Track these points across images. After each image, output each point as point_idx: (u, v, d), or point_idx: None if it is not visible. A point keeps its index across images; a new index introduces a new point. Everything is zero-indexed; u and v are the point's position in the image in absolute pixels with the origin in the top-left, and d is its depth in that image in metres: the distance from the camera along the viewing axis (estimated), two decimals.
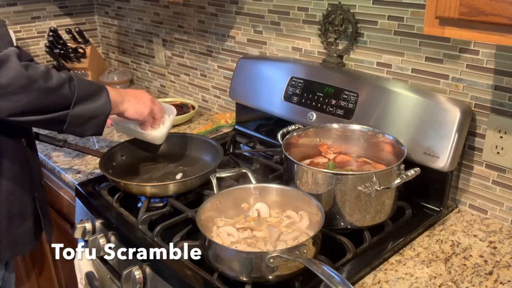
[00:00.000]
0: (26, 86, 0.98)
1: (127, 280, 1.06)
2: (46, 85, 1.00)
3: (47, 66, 1.05)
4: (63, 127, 1.06)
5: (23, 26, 2.26)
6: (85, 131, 1.11)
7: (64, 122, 1.05)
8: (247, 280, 0.91)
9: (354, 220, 1.08)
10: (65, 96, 1.04)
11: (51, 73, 1.03)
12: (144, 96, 1.26)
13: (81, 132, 1.11)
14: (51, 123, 1.06)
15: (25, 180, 1.23)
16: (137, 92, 1.28)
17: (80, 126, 1.08)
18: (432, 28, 0.85)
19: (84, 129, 1.10)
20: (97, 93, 1.10)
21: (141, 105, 1.24)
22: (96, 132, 1.12)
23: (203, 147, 1.43)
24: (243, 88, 1.61)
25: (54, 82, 1.02)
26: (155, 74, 2.25)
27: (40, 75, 1.00)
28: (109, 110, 1.11)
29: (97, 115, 1.10)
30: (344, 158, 1.25)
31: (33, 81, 0.99)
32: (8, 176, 1.18)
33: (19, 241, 1.24)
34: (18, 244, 1.24)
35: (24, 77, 0.98)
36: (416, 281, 0.98)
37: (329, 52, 1.42)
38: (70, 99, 1.05)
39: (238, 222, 1.05)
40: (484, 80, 1.13)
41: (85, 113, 1.07)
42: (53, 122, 1.05)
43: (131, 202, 1.27)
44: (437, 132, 1.14)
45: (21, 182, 1.21)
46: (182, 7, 1.92)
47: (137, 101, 1.24)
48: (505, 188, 1.16)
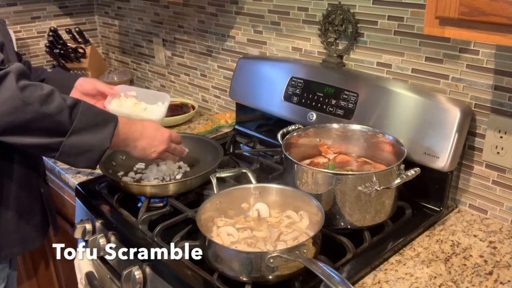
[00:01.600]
0: (19, 108, 0.95)
1: (127, 280, 1.06)
2: (41, 109, 0.97)
3: (54, 90, 1.01)
4: (55, 155, 1.03)
5: (23, 26, 2.26)
6: (77, 163, 1.07)
7: (57, 150, 1.02)
8: (247, 280, 0.91)
9: (354, 220, 1.08)
10: (62, 123, 1.00)
11: (52, 98, 0.99)
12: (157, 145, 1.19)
13: (73, 163, 1.08)
14: (43, 149, 1.03)
15: (33, 177, 1.25)
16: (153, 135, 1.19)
17: (73, 157, 1.04)
18: (432, 28, 0.85)
19: (77, 160, 1.06)
20: (102, 124, 1.06)
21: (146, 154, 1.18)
22: (89, 166, 1.08)
23: (203, 147, 1.43)
24: (243, 88, 1.61)
25: (52, 107, 0.98)
26: (155, 74, 2.25)
27: (38, 99, 0.97)
28: (107, 146, 1.06)
29: (92, 149, 1.05)
30: (344, 158, 1.26)
31: (27, 104, 0.96)
32: (18, 174, 1.20)
33: (29, 237, 1.26)
34: (27, 240, 1.26)
35: (18, 99, 0.95)
36: (416, 281, 0.98)
37: (329, 52, 1.42)
38: (67, 127, 1.01)
39: (238, 222, 1.05)
40: (484, 80, 1.13)
41: (80, 145, 1.03)
42: (46, 148, 1.02)
43: (131, 202, 1.27)
44: (437, 132, 1.14)
45: (29, 179, 1.24)
46: (182, 7, 1.92)
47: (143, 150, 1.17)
48: (505, 188, 1.16)
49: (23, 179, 1.22)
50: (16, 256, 1.31)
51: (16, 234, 1.23)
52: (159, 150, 1.19)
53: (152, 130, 1.19)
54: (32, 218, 1.26)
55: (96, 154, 1.06)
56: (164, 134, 1.21)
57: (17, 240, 1.24)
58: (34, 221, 1.27)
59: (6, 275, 1.28)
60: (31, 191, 1.25)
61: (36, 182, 1.27)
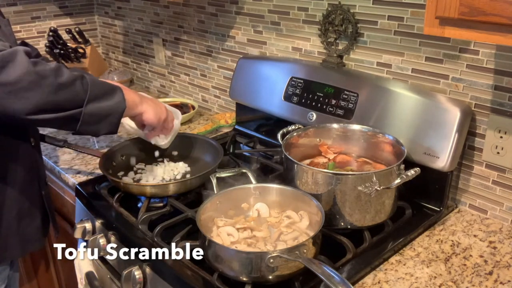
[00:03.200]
0: (36, 82, 0.95)
1: (127, 280, 1.06)
2: (57, 81, 0.97)
3: (58, 63, 1.02)
4: (77, 125, 1.03)
5: (23, 26, 2.26)
6: (99, 130, 1.08)
7: (78, 120, 1.02)
8: (247, 280, 0.91)
9: (354, 220, 1.08)
10: (78, 93, 1.01)
11: (62, 70, 1.00)
12: (159, 103, 1.24)
13: (95, 131, 1.08)
14: (65, 122, 1.03)
15: (34, 179, 1.25)
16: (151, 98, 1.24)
17: (94, 124, 1.05)
18: (432, 28, 0.85)
19: (99, 127, 1.07)
20: (111, 92, 1.08)
21: (158, 109, 1.21)
22: (110, 131, 1.09)
23: (203, 147, 1.43)
24: (243, 88, 1.61)
25: (65, 78, 0.99)
26: (155, 74, 2.26)
27: (50, 71, 0.97)
28: (124, 108, 1.08)
29: (112, 113, 1.07)
30: (344, 158, 1.26)
31: (43, 77, 0.96)
32: (19, 176, 1.20)
33: (29, 239, 1.26)
34: (28, 242, 1.26)
35: (32, 73, 0.95)
36: (416, 281, 0.98)
37: (329, 52, 1.42)
38: (83, 96, 1.02)
39: (238, 222, 1.05)
40: (484, 80, 1.13)
41: (99, 111, 1.04)
42: (67, 120, 1.02)
43: (131, 202, 1.27)
44: (437, 132, 1.14)
45: (30, 181, 1.24)
46: (182, 7, 1.92)
47: (155, 105, 1.21)
48: (505, 188, 1.16)
49: (24, 182, 1.21)
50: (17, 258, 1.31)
51: (17, 236, 1.22)
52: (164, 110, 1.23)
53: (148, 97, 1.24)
54: (33, 220, 1.26)
55: (116, 117, 1.08)
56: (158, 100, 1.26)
57: (18, 242, 1.23)
58: (35, 223, 1.26)
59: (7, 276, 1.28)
60: (32, 193, 1.25)
61: (37, 184, 1.26)
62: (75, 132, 1.05)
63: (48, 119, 1.00)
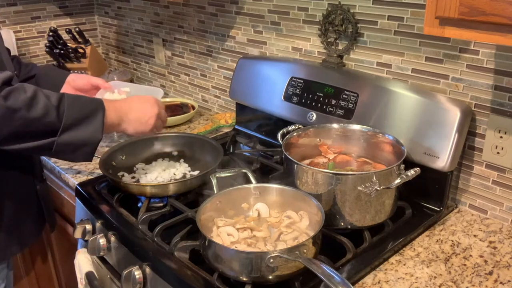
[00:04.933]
0: (6, 117, 0.94)
1: (127, 280, 1.06)
2: (28, 114, 0.96)
3: (36, 90, 1.00)
4: (51, 153, 1.03)
5: (23, 26, 2.26)
6: (74, 159, 1.08)
7: (50, 149, 1.02)
8: (247, 280, 0.91)
9: (354, 220, 1.08)
10: (51, 123, 0.99)
11: (37, 99, 0.98)
12: (149, 112, 1.18)
13: (70, 159, 1.08)
14: (37, 150, 1.03)
15: (28, 175, 1.25)
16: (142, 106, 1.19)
17: (68, 153, 1.05)
18: (432, 28, 0.85)
19: (73, 156, 1.06)
20: (90, 117, 1.04)
21: (142, 125, 1.17)
22: (85, 160, 1.08)
23: (203, 147, 1.43)
24: (243, 88, 1.61)
25: (38, 110, 0.97)
26: (155, 74, 2.26)
27: (23, 104, 0.96)
28: (99, 139, 1.06)
29: (86, 144, 1.05)
30: (344, 158, 1.25)
31: (13, 112, 0.95)
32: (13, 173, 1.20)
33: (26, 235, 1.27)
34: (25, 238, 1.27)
35: (2, 107, 0.94)
36: (416, 281, 0.98)
37: (329, 52, 1.42)
38: (56, 127, 1.00)
39: (238, 222, 1.05)
40: (484, 80, 1.13)
41: (73, 141, 1.03)
42: (40, 149, 1.02)
43: (131, 202, 1.27)
44: (437, 132, 1.14)
45: (25, 177, 1.24)
46: (182, 7, 1.92)
47: (138, 120, 1.16)
48: (505, 188, 1.16)
49: (18, 178, 1.22)
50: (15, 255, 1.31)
51: (14, 232, 1.23)
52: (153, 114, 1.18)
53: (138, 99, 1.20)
54: (29, 216, 1.27)
55: (91, 148, 1.06)
56: (148, 97, 1.21)
57: (15, 239, 1.24)
58: (31, 219, 1.27)
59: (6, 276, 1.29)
60: (27, 189, 1.25)
61: (32, 180, 1.27)
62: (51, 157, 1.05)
63: (20, 148, 1.00)
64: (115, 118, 1.12)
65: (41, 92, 1.00)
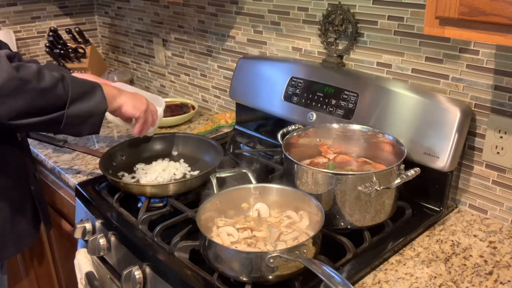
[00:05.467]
0: (19, 89, 0.96)
1: (127, 280, 1.06)
2: (39, 86, 0.98)
3: (39, 65, 1.03)
4: (60, 127, 1.04)
5: (23, 26, 2.26)
6: (82, 131, 1.09)
7: (60, 123, 1.03)
8: (247, 280, 0.91)
9: (354, 220, 1.08)
10: (60, 96, 1.02)
11: (44, 73, 1.00)
12: (139, 95, 1.25)
13: (78, 132, 1.09)
14: (47, 125, 1.04)
15: (22, 175, 1.25)
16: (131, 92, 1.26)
17: (77, 126, 1.06)
18: (432, 28, 0.85)
19: (81, 129, 1.08)
20: (91, 91, 1.08)
21: (137, 102, 1.22)
22: (93, 131, 1.10)
23: (203, 147, 1.43)
24: (243, 88, 1.61)
25: (47, 82, 0.99)
26: (155, 74, 2.26)
27: (33, 75, 0.98)
28: (105, 108, 1.09)
29: (93, 114, 1.08)
30: (344, 158, 1.25)
31: (26, 83, 0.96)
32: (7, 174, 1.20)
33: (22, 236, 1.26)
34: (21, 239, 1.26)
35: (15, 79, 0.95)
36: (416, 281, 0.98)
37: (329, 52, 1.42)
38: (65, 99, 1.02)
39: (238, 222, 1.05)
40: (484, 80, 1.13)
41: (81, 113, 1.05)
42: (50, 123, 1.03)
43: (131, 202, 1.27)
44: (437, 132, 1.14)
45: (18, 178, 1.24)
46: (182, 7, 1.92)
47: (133, 97, 1.22)
48: (505, 188, 1.16)
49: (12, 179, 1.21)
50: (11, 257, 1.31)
51: (11, 234, 1.22)
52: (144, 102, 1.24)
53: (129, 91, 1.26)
54: (24, 217, 1.26)
55: (97, 118, 1.09)
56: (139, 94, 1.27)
57: (12, 240, 1.23)
58: (26, 220, 1.27)
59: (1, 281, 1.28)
60: (21, 190, 1.25)
61: (26, 180, 1.26)
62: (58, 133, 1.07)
63: (31, 123, 1.01)
64: (113, 90, 1.17)
65: (44, 68, 1.03)
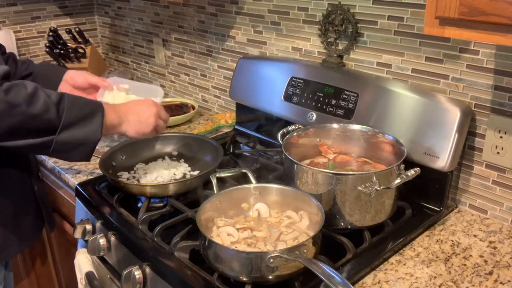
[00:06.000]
0: (6, 111, 0.94)
1: (127, 280, 1.06)
2: (28, 110, 0.95)
3: (37, 87, 0.99)
4: (48, 152, 1.02)
5: (23, 26, 2.26)
6: (71, 158, 1.07)
7: (49, 147, 1.01)
8: (247, 280, 0.91)
9: (354, 220, 1.08)
10: (51, 121, 0.99)
11: (38, 96, 0.97)
12: (148, 112, 1.18)
13: (67, 158, 1.07)
14: (36, 148, 1.02)
15: (25, 175, 1.25)
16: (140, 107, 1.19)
17: (66, 152, 1.04)
18: (432, 28, 0.85)
19: (70, 155, 1.05)
20: (89, 117, 1.04)
21: (142, 125, 1.16)
22: (83, 159, 1.08)
23: (203, 147, 1.43)
24: (243, 88, 1.61)
25: (38, 107, 0.97)
26: (155, 74, 2.26)
27: (23, 99, 0.95)
28: (99, 138, 1.05)
29: (85, 143, 1.04)
30: (344, 158, 1.25)
31: (14, 107, 0.94)
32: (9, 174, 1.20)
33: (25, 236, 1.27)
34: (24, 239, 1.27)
35: (4, 102, 0.93)
36: (416, 281, 0.98)
37: (329, 52, 1.42)
38: (56, 124, 0.99)
39: (238, 222, 1.05)
40: (484, 80, 1.13)
41: (72, 140, 1.02)
42: (38, 147, 1.01)
43: (131, 202, 1.27)
44: (437, 132, 1.14)
45: (22, 178, 1.24)
46: (182, 7, 1.92)
47: (138, 120, 1.16)
48: (505, 188, 1.16)
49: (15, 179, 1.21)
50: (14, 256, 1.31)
51: (13, 234, 1.23)
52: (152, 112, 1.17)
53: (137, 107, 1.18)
54: (27, 216, 1.26)
55: (89, 147, 1.05)
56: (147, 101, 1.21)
57: (14, 240, 1.24)
58: (29, 220, 1.27)
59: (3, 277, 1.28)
60: (24, 190, 1.25)
61: (29, 180, 1.26)
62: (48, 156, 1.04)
63: (18, 145, 0.99)
64: (115, 118, 1.12)
65: (41, 90, 1.00)
